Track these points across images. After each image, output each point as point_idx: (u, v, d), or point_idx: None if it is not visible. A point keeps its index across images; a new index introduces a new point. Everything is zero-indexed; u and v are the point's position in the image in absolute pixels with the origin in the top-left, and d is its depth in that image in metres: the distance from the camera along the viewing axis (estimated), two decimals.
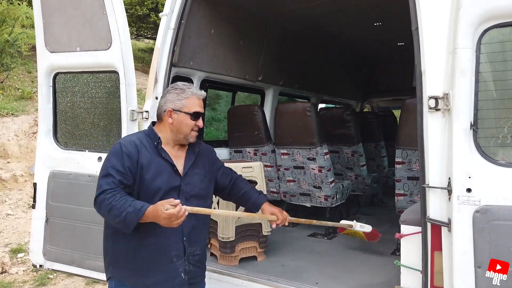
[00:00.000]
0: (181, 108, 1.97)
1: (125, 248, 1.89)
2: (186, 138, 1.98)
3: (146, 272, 1.89)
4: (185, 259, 1.94)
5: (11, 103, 7.86)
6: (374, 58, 6.35)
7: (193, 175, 2.00)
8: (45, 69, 3.00)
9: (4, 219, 5.91)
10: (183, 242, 1.93)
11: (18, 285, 4.32)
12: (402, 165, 3.03)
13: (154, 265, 1.89)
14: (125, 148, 1.87)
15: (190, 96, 1.99)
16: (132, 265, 1.89)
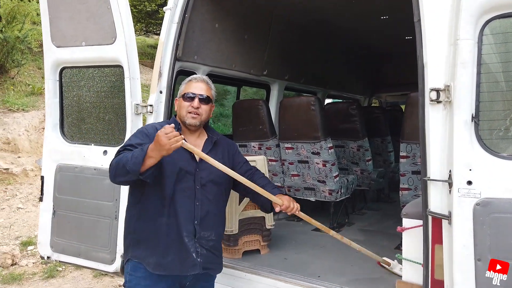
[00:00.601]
0: (179, 94, 2.14)
1: (145, 228, 1.99)
2: (184, 121, 2.08)
3: (162, 251, 1.97)
4: (196, 241, 2.00)
5: (22, 99, 7.99)
6: (381, 52, 6.29)
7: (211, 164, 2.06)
8: (52, 63, 3.04)
9: (15, 212, 6.02)
10: (194, 225, 1.99)
11: (28, 277, 4.41)
12: (406, 159, 3.01)
13: (168, 245, 1.97)
14: (145, 129, 2.06)
15: (188, 81, 2.14)
16: (151, 244, 1.98)
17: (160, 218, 1.97)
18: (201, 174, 2.03)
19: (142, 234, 2.01)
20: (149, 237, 2.00)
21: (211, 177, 2.06)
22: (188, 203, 2.00)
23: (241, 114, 4.01)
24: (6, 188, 6.43)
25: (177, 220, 1.97)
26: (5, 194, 6.35)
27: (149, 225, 1.99)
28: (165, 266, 1.97)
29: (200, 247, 2.02)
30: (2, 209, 6.04)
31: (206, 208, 2.03)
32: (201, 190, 2.02)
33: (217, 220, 2.12)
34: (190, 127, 2.09)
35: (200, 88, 2.11)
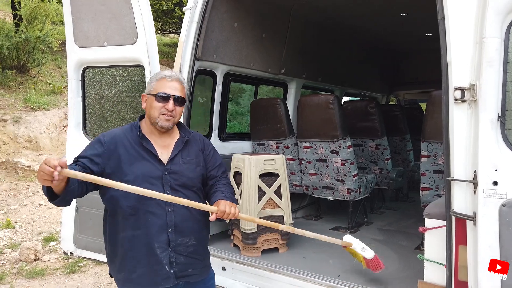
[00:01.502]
0: (150, 91, 1.92)
1: (112, 243, 1.90)
2: (155, 122, 1.88)
3: (129, 266, 1.85)
4: (171, 251, 1.86)
5: (43, 97, 8.17)
6: (400, 50, 6.21)
7: (181, 164, 1.92)
8: (75, 63, 3.11)
9: (37, 209, 6.17)
10: (168, 233, 1.85)
11: (50, 272, 4.52)
12: (427, 159, 2.97)
13: (136, 259, 1.84)
14: (102, 137, 1.88)
15: (160, 78, 1.93)
16: (118, 260, 1.88)
17: (125, 231, 1.84)
18: (170, 177, 1.87)
19: (111, 250, 1.91)
20: (116, 252, 1.88)
21: (182, 181, 1.90)
22: (159, 211, 1.84)
23: (258, 113, 4.01)
24: (28, 185, 6.60)
25: (146, 231, 1.82)
26: (28, 191, 6.52)
27: (116, 240, 1.87)
28: (134, 282, 1.85)
29: (177, 255, 1.87)
30: (24, 205, 6.20)
31: (180, 213, 1.87)
32: (172, 194, 1.83)
33: (197, 224, 1.95)
34: (162, 129, 1.91)
35: (175, 88, 1.91)
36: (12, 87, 8.20)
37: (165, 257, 1.85)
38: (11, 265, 4.62)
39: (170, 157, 1.91)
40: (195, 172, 1.97)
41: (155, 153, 1.89)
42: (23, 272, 4.45)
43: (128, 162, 1.82)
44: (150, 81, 1.97)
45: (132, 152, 1.86)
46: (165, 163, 1.89)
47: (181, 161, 1.93)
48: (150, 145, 1.90)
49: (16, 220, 5.76)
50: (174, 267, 1.88)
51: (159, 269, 1.85)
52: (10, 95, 7.96)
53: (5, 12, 12.38)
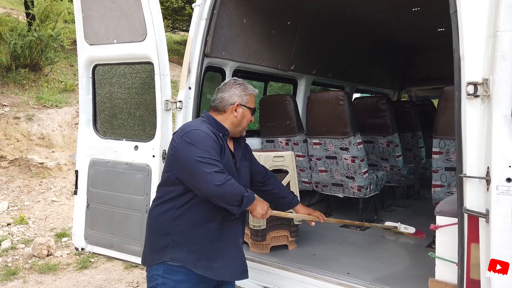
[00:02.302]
0: (246, 103, 2.11)
1: (191, 231, 1.92)
2: (242, 131, 2.13)
3: (212, 255, 1.94)
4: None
5: (55, 95, 8.26)
6: (412, 45, 6.12)
7: (243, 168, 2.13)
8: (85, 61, 3.12)
9: (50, 205, 6.26)
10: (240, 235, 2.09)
11: (63, 267, 4.58)
12: (439, 155, 2.93)
13: (221, 249, 1.96)
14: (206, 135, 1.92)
15: (251, 92, 2.15)
16: (199, 248, 1.92)
17: (211, 222, 1.93)
18: (239, 180, 2.02)
19: (187, 237, 1.92)
20: (195, 240, 1.92)
21: (243, 183, 2.05)
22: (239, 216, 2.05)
23: (268, 110, 4.00)
24: (41, 181, 6.69)
25: (234, 224, 2.00)
26: (40, 187, 6.61)
27: (198, 229, 1.92)
28: (215, 271, 1.94)
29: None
30: (37, 202, 6.29)
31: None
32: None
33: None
34: (238, 136, 2.15)
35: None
36: (25, 85, 8.31)
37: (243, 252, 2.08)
38: (24, 260, 4.69)
39: (237, 162, 2.09)
40: (248, 173, 2.20)
41: (234, 153, 2.08)
42: (36, 267, 4.52)
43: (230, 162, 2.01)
44: (241, 92, 2.11)
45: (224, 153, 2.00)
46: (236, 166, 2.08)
47: (242, 165, 2.14)
48: (229, 149, 2.07)
49: (29, 216, 5.85)
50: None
51: (241, 262, 2.05)
52: (23, 93, 8.07)
53: (18, 11, 12.56)
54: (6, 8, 13.01)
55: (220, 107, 2.08)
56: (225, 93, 2.10)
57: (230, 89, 2.10)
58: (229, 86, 2.12)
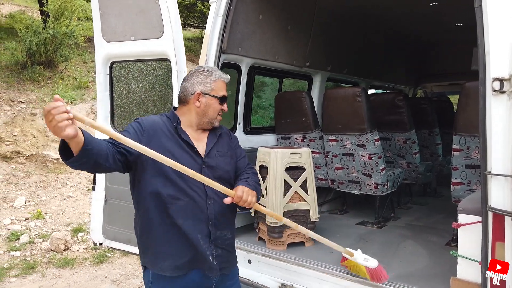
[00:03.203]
0: (210, 92, 1.91)
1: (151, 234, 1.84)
2: (211, 122, 1.94)
3: (176, 254, 1.82)
4: (211, 243, 1.87)
5: (70, 92, 8.36)
6: (428, 40, 6.02)
7: (217, 157, 1.93)
8: (102, 58, 3.15)
9: (66, 200, 6.35)
10: (208, 226, 1.85)
11: (80, 261, 4.65)
12: (459, 153, 2.88)
13: (182, 249, 1.82)
14: (141, 120, 1.84)
15: (218, 79, 1.95)
16: (161, 250, 1.83)
17: (166, 221, 1.80)
18: (207, 171, 1.87)
19: (149, 241, 1.86)
20: (156, 243, 1.84)
21: (218, 174, 1.90)
22: (200, 204, 1.84)
23: (283, 106, 3.98)
24: (57, 177, 6.79)
25: (189, 222, 1.81)
26: (57, 183, 6.71)
27: (156, 231, 1.82)
28: (182, 266, 1.83)
29: (216, 248, 1.89)
30: (54, 197, 6.39)
31: (219, 206, 1.87)
32: (210, 188, 1.82)
33: (231, 217, 2.00)
34: (211, 127, 1.95)
35: (226, 89, 1.99)
36: (41, 82, 8.43)
37: (207, 248, 1.85)
38: (42, 255, 4.78)
39: (206, 150, 1.91)
40: (230, 164, 1.98)
41: (193, 145, 1.88)
42: (54, 261, 4.60)
43: (166, 153, 1.73)
44: (202, 80, 1.92)
45: (173, 142, 1.84)
46: (202, 156, 1.89)
47: (217, 154, 1.94)
48: (188, 138, 1.88)
49: (46, 211, 5.95)
50: (215, 260, 1.88)
51: (204, 260, 1.85)
52: (39, 90, 8.18)
53: (33, 9, 12.72)
54: (20, 5, 13.19)
55: (182, 98, 1.94)
56: (187, 82, 1.94)
57: (192, 78, 1.93)
58: (191, 74, 1.95)
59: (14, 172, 6.65)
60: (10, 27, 10.15)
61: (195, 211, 1.83)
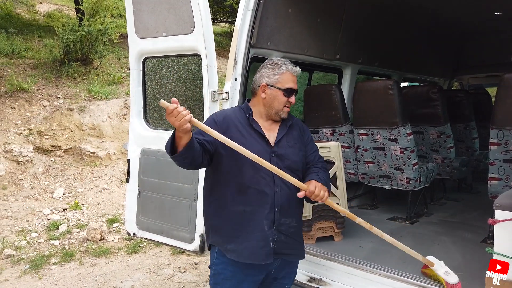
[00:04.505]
0: (275, 84, 2.00)
1: (221, 216, 1.98)
2: (278, 113, 2.02)
3: (239, 238, 1.94)
4: (274, 229, 1.95)
5: (104, 88, 8.63)
6: (464, 31, 5.78)
7: (286, 147, 2.01)
8: (136, 54, 3.22)
9: (101, 192, 6.59)
10: (274, 212, 1.94)
11: (114, 251, 4.83)
12: (497, 147, 2.77)
13: (247, 232, 1.94)
14: (215, 116, 2.02)
15: (285, 71, 2.01)
16: (227, 232, 1.97)
17: (236, 206, 1.94)
18: (276, 159, 1.96)
19: (218, 222, 2.00)
20: (225, 224, 1.98)
21: (287, 163, 1.98)
22: (268, 191, 1.93)
23: (312, 100, 3.95)
24: (93, 170, 7.06)
25: (256, 208, 1.93)
26: (92, 175, 6.97)
27: (225, 212, 1.97)
28: (239, 253, 1.95)
29: (278, 234, 1.97)
30: (90, 189, 6.65)
31: (286, 194, 1.96)
32: (278, 176, 1.92)
33: (298, 207, 2.07)
34: (279, 119, 2.04)
35: (295, 82, 2.04)
36: (77, 78, 8.74)
37: (270, 234, 1.95)
38: (80, 244, 4.99)
39: (276, 140, 2.00)
40: (299, 155, 2.05)
41: (264, 134, 1.98)
42: (90, 251, 4.80)
43: (239, 142, 1.86)
44: (269, 72, 2.01)
45: (244, 132, 1.96)
46: (272, 145, 1.98)
47: (286, 144, 2.02)
48: (259, 127, 1.99)
49: (83, 202, 6.21)
50: (275, 244, 1.97)
51: (264, 245, 1.94)
52: (75, 86, 8.50)
53: (69, 7, 13.19)
54: (57, 4, 13.71)
55: (252, 89, 2.08)
56: (257, 74, 2.07)
57: (261, 70, 2.06)
58: (261, 66, 2.07)
59: (53, 164, 6.97)
60: (48, 25, 10.58)
61: (264, 198, 1.93)
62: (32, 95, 7.76)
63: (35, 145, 7.02)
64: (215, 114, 2.05)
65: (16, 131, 7.04)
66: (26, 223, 5.44)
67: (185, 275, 4.22)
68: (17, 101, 7.53)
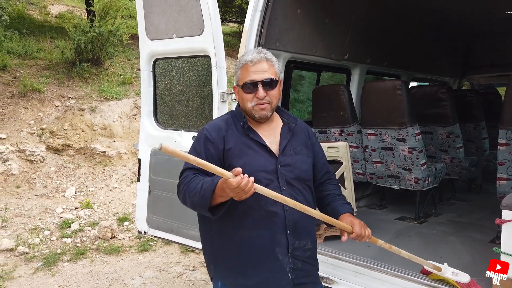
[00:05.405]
0: (238, 82, 1.73)
1: (223, 243, 1.69)
2: (252, 115, 1.69)
3: (247, 271, 1.64)
4: (290, 256, 1.66)
5: (115, 88, 8.74)
6: (474, 30, 5.75)
7: (293, 155, 1.72)
8: (146, 55, 3.28)
9: (112, 191, 6.69)
10: (286, 235, 1.65)
11: (125, 249, 4.90)
12: (506, 147, 2.76)
13: (257, 263, 1.64)
14: (209, 134, 1.68)
15: (242, 65, 1.70)
16: (232, 262, 1.67)
17: (241, 231, 1.63)
18: (284, 171, 1.67)
19: (221, 252, 1.69)
20: (228, 255, 1.67)
21: (296, 173, 1.69)
22: (277, 210, 1.62)
23: (321, 100, 3.97)
24: (104, 169, 7.16)
25: (265, 232, 1.62)
26: (103, 174, 7.08)
27: (228, 240, 1.66)
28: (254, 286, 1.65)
29: (294, 261, 1.66)
30: (101, 188, 6.75)
31: (297, 213, 1.62)
32: (289, 190, 1.65)
33: (311, 225, 1.77)
34: (261, 120, 1.71)
35: (261, 70, 1.66)
36: (88, 78, 8.86)
37: (286, 263, 1.65)
38: (91, 242, 5.08)
39: (280, 148, 1.70)
40: (307, 163, 1.77)
41: (265, 144, 1.69)
42: (102, 248, 4.88)
43: (238, 156, 1.63)
44: (235, 70, 1.76)
45: (241, 145, 1.67)
46: (276, 154, 1.69)
47: (292, 151, 1.72)
48: (258, 136, 1.70)
49: (94, 201, 6.30)
50: (292, 274, 1.66)
51: (281, 278, 1.64)
52: (86, 86, 8.62)
53: (80, 8, 13.36)
54: (68, 5, 13.90)
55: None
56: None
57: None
58: None
59: (65, 164, 7.08)
60: (59, 27, 10.74)
61: (272, 220, 1.63)
62: (45, 96, 7.90)
63: (47, 145, 7.15)
64: (206, 130, 1.71)
65: (29, 131, 7.17)
66: (39, 221, 5.55)
67: (194, 273, 4.28)
68: (30, 102, 7.67)
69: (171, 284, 4.05)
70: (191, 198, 1.56)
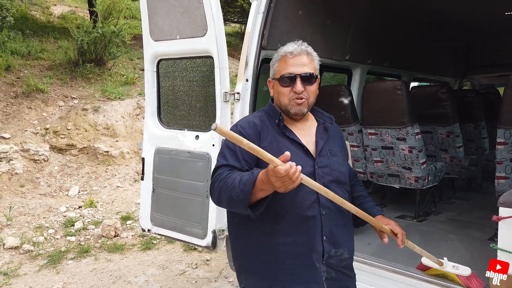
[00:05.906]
0: (274, 75, 1.64)
1: (255, 251, 1.57)
2: (287, 110, 1.60)
3: (283, 280, 1.54)
4: (324, 264, 1.56)
5: (118, 88, 8.80)
6: (475, 30, 5.78)
7: (330, 157, 1.62)
8: (150, 56, 3.33)
9: (115, 190, 6.75)
10: (322, 242, 1.54)
11: (128, 247, 4.96)
12: (504, 146, 2.81)
13: (294, 272, 1.53)
14: (243, 130, 1.57)
15: (281, 57, 1.62)
16: (265, 272, 1.56)
17: (275, 237, 1.52)
18: (321, 172, 1.57)
19: (252, 259, 1.58)
20: (261, 263, 1.56)
21: (334, 176, 1.59)
22: (314, 214, 1.52)
23: (322, 100, 3.99)
24: (107, 168, 7.22)
25: (301, 238, 1.52)
26: (106, 174, 7.13)
27: (261, 247, 1.55)
28: None
29: (328, 269, 1.56)
30: (104, 187, 6.80)
31: (334, 217, 1.54)
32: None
33: (349, 233, 1.66)
34: (296, 117, 1.62)
35: (301, 64, 1.58)
36: (91, 79, 8.92)
37: (322, 271, 1.54)
38: (95, 240, 5.14)
39: (318, 149, 1.61)
40: (344, 165, 1.68)
41: (302, 143, 1.60)
42: (105, 247, 4.93)
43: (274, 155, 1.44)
44: (272, 63, 1.66)
45: (277, 144, 1.56)
46: (313, 155, 1.60)
47: (328, 153, 1.63)
48: (295, 135, 1.60)
49: (97, 200, 6.36)
50: (325, 284, 1.56)
51: (318, 286, 1.54)
52: (89, 86, 8.68)
53: (82, 9, 13.43)
54: (71, 6, 13.97)
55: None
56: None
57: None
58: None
59: (69, 163, 7.14)
60: (62, 27, 10.81)
61: (308, 224, 1.52)
62: (48, 96, 7.96)
63: (51, 144, 7.21)
64: (239, 126, 1.60)
65: (32, 130, 7.24)
66: (43, 219, 5.61)
67: (197, 271, 4.33)
68: (34, 102, 7.73)
69: (174, 282, 4.10)
70: (228, 193, 1.41)
